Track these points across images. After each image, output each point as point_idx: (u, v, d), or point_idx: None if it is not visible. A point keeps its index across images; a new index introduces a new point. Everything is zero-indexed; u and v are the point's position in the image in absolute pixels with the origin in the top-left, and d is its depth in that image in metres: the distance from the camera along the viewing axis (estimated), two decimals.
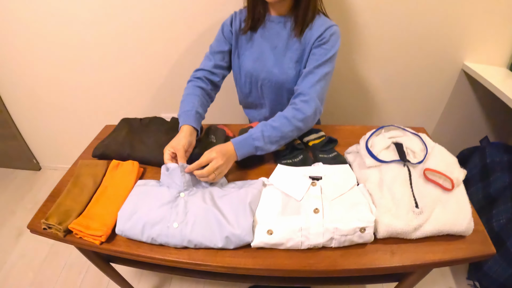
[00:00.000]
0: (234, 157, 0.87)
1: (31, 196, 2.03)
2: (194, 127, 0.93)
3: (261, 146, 0.87)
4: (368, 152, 0.84)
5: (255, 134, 0.87)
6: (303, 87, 0.93)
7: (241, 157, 0.88)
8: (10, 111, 1.93)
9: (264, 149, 0.88)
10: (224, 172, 0.85)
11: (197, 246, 0.72)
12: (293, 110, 0.91)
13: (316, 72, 0.93)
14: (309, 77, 0.93)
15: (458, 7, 1.25)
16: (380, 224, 0.70)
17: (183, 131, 0.91)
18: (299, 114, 0.90)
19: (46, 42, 1.53)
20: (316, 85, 0.92)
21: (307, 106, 0.90)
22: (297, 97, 0.93)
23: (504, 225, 1.13)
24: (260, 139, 0.87)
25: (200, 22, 1.38)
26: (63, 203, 0.83)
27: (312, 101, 0.91)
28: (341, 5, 1.27)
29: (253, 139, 0.87)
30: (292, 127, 0.89)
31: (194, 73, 1.07)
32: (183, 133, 0.90)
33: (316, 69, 0.93)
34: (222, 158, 0.82)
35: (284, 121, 0.89)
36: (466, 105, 1.57)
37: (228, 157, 0.84)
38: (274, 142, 0.89)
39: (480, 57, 1.39)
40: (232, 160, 0.87)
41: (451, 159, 0.84)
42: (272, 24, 1.02)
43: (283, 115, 0.91)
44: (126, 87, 1.67)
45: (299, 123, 0.90)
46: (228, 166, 0.85)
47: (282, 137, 0.89)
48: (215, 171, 0.81)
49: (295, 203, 0.76)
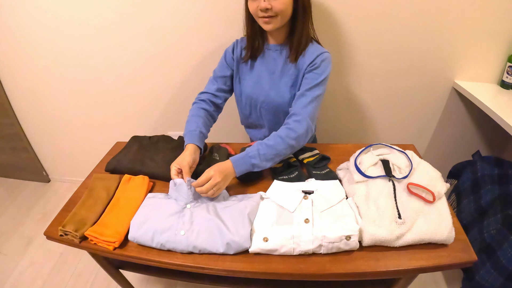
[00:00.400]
0: (233, 174, 0.93)
1: (40, 207, 2.06)
2: (197, 145, 1.00)
3: (258, 164, 0.93)
4: (356, 169, 0.91)
5: (252, 152, 0.93)
6: (296, 108, 1.00)
7: (240, 173, 0.93)
8: (22, 125, 1.97)
9: (261, 166, 0.94)
10: (222, 188, 0.90)
11: (201, 252, 0.79)
12: (286, 129, 0.97)
13: (308, 94, 1.00)
14: (302, 99, 1.00)
15: (447, 27, 1.29)
16: (365, 233, 0.76)
17: (188, 149, 0.98)
18: (292, 133, 0.96)
19: (62, 63, 1.60)
20: (307, 106, 0.99)
21: (299, 125, 0.97)
22: (290, 117, 1.00)
23: (495, 235, 1.16)
24: (257, 157, 0.93)
25: (205, 47, 1.44)
26: (79, 213, 0.90)
27: (304, 120, 0.97)
28: (334, 27, 1.32)
29: (250, 157, 0.93)
30: (285, 145, 0.95)
31: (199, 96, 1.15)
32: (188, 151, 0.97)
33: (308, 92, 1.00)
34: (219, 176, 0.88)
35: (279, 140, 0.95)
36: (458, 121, 1.60)
37: (225, 174, 0.90)
38: (269, 159, 0.94)
39: (471, 74, 1.42)
40: (230, 177, 0.92)
41: (435, 174, 0.90)
42: (270, 52, 1.09)
43: (277, 134, 0.97)
44: (135, 106, 1.74)
45: (292, 141, 0.96)
46: (226, 182, 0.91)
47: (276, 154, 0.95)
48: (213, 187, 0.87)
49: (288, 214, 0.82)
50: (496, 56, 1.36)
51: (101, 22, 1.45)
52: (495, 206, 1.24)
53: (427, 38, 1.34)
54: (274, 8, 0.93)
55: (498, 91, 1.38)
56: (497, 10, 1.23)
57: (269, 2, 0.93)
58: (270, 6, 0.93)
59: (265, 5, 0.92)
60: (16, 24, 1.52)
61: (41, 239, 1.79)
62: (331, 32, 1.34)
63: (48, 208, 2.04)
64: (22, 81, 1.74)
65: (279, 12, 0.94)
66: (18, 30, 1.54)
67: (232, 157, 0.94)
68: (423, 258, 0.77)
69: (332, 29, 1.33)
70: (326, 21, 1.30)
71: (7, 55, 1.65)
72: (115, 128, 1.86)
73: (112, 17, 1.42)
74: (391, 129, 1.68)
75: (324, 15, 1.29)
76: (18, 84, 1.78)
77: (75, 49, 1.55)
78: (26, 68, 1.68)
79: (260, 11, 0.95)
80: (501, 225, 1.15)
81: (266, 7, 0.93)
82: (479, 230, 1.25)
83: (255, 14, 0.98)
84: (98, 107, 1.78)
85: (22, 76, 1.72)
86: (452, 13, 1.26)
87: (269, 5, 0.93)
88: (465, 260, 0.77)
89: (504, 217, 1.15)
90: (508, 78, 1.36)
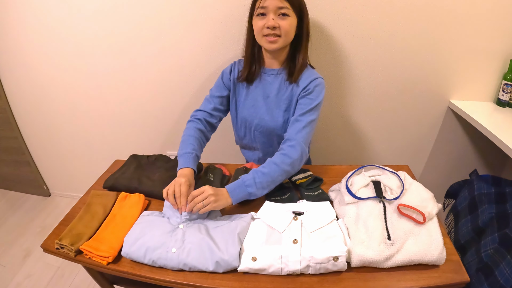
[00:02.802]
0: (228, 200, 0.91)
1: (39, 220, 2.07)
2: (194, 169, 1.01)
3: (254, 192, 0.93)
4: (347, 190, 0.92)
5: (248, 181, 0.93)
6: (290, 134, 1.02)
7: (236, 202, 0.93)
8: (25, 139, 2.01)
9: (257, 195, 0.94)
10: (213, 204, 0.88)
11: (191, 269, 0.79)
12: (281, 155, 0.98)
13: (302, 119, 1.02)
14: (296, 124, 1.02)
15: (441, 47, 1.32)
16: (354, 254, 0.76)
17: (187, 175, 0.96)
18: (286, 158, 0.97)
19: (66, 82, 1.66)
20: (302, 131, 1.00)
21: (294, 150, 0.98)
22: (285, 142, 1.01)
23: (492, 255, 1.13)
24: (253, 186, 0.92)
25: (204, 69, 1.49)
26: (75, 227, 0.91)
27: (298, 145, 0.99)
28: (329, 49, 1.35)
29: (246, 186, 0.92)
30: (281, 171, 0.96)
31: (194, 113, 1.16)
32: (186, 177, 0.95)
33: (301, 117, 1.02)
34: (212, 190, 0.88)
35: (274, 166, 0.96)
36: (455, 141, 1.61)
37: (220, 195, 0.90)
38: (265, 187, 0.94)
39: (466, 93, 1.44)
40: (224, 200, 0.90)
41: (426, 195, 0.91)
42: (265, 76, 1.12)
43: (272, 161, 0.97)
44: (135, 126, 1.79)
45: (287, 167, 0.97)
46: (218, 201, 0.89)
47: (272, 181, 0.96)
48: (203, 200, 0.87)
49: (277, 235, 0.83)
50: (491, 74, 1.38)
51: (105, 45, 1.50)
52: (492, 225, 1.22)
53: (421, 59, 1.36)
54: (282, 27, 0.97)
55: (494, 109, 1.39)
56: (491, 29, 1.26)
57: (277, 21, 0.97)
58: (277, 24, 0.97)
59: (273, 23, 0.96)
60: (22, 41, 1.57)
61: (39, 252, 1.78)
62: (326, 53, 1.36)
63: (48, 222, 2.06)
64: (27, 97, 1.79)
65: (285, 33, 0.98)
66: (25, 47, 1.59)
67: (228, 185, 0.94)
68: (413, 279, 0.76)
69: (328, 50, 1.36)
70: (321, 42, 1.34)
71: (13, 72, 1.70)
72: (115, 146, 1.89)
73: (115, 41, 1.48)
74: (387, 150, 1.69)
75: (320, 38, 1.32)
76: (23, 101, 1.83)
77: (80, 69, 1.60)
78: (32, 85, 1.73)
79: (266, 28, 0.98)
80: (498, 244, 1.14)
81: (274, 25, 0.97)
82: (476, 250, 1.24)
83: (260, 33, 1.01)
84: (99, 125, 1.82)
85: (27, 93, 1.77)
86: (446, 33, 1.28)
87: (277, 24, 0.97)
88: (457, 281, 0.76)
89: (501, 236, 1.15)
90: (504, 96, 1.37)
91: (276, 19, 0.97)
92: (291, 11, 0.97)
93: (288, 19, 0.98)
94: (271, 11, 0.96)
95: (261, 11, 0.98)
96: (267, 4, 0.96)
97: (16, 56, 1.63)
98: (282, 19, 0.97)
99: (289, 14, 0.97)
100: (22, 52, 1.61)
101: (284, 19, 0.97)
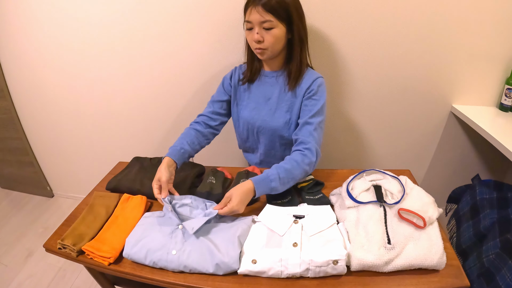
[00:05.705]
0: (252, 194, 0.91)
1: (42, 221, 2.09)
2: (174, 160, 1.02)
3: (276, 187, 0.92)
4: (348, 194, 0.92)
5: (273, 175, 0.92)
6: (303, 137, 1.01)
7: (259, 195, 0.92)
8: (30, 140, 2.03)
9: (278, 190, 0.94)
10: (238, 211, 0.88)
11: (192, 271, 0.80)
12: (300, 155, 0.98)
13: (312, 122, 1.03)
14: (306, 127, 1.03)
15: (444, 51, 1.31)
16: (353, 258, 0.77)
17: (163, 163, 0.99)
18: (306, 159, 0.97)
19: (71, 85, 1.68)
20: (313, 133, 1.01)
21: (311, 152, 0.99)
22: (299, 145, 1.01)
23: (493, 260, 1.13)
24: (277, 180, 0.92)
25: (205, 74, 1.50)
26: (78, 228, 0.92)
27: (313, 148, 0.99)
28: (331, 53, 1.36)
29: (271, 180, 0.92)
30: (301, 169, 0.96)
31: (196, 118, 1.19)
32: (163, 165, 0.98)
33: (311, 119, 1.03)
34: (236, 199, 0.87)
35: (295, 164, 0.96)
36: (457, 146, 1.60)
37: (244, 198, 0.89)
38: (286, 183, 0.94)
39: (469, 98, 1.44)
40: (248, 198, 0.90)
41: (427, 199, 0.91)
42: (266, 78, 1.14)
43: (293, 158, 0.97)
44: (138, 128, 1.81)
45: (307, 166, 0.97)
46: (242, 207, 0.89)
47: (292, 178, 0.95)
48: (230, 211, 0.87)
49: (278, 238, 0.83)
50: (493, 79, 1.38)
51: (109, 49, 1.52)
52: (494, 231, 1.22)
53: (424, 63, 1.36)
54: (266, 41, 0.99)
55: (497, 114, 1.39)
56: (494, 33, 1.26)
57: (261, 35, 0.98)
58: (262, 39, 0.98)
59: (258, 37, 0.98)
60: (27, 43, 1.59)
61: (41, 252, 1.81)
62: (328, 57, 1.37)
63: (50, 223, 2.07)
64: (32, 98, 1.81)
65: (270, 46, 1.00)
66: (30, 49, 1.61)
67: (253, 177, 0.93)
68: (412, 284, 0.76)
69: (330, 55, 1.36)
70: (323, 47, 1.34)
71: (18, 74, 1.72)
72: (118, 148, 1.91)
73: (120, 45, 1.50)
74: (389, 155, 1.68)
75: (322, 42, 1.33)
76: (28, 102, 1.85)
77: (84, 72, 1.62)
78: (36, 87, 1.75)
79: (253, 42, 1.00)
80: (500, 249, 1.14)
81: (259, 40, 0.98)
82: (478, 255, 1.24)
83: (251, 45, 1.04)
84: (103, 128, 1.84)
85: (32, 94, 1.79)
86: (448, 38, 1.28)
87: (261, 38, 0.98)
88: (457, 286, 0.76)
89: (503, 242, 1.14)
90: (507, 100, 1.37)
91: (261, 32, 0.98)
92: (276, 22, 0.96)
93: (273, 31, 0.97)
94: (256, 25, 0.97)
95: (248, 25, 1.00)
96: (251, 19, 0.97)
97: (21, 58, 1.65)
98: (266, 32, 0.98)
99: (274, 26, 0.97)
100: (27, 54, 1.62)
101: (269, 32, 0.97)
